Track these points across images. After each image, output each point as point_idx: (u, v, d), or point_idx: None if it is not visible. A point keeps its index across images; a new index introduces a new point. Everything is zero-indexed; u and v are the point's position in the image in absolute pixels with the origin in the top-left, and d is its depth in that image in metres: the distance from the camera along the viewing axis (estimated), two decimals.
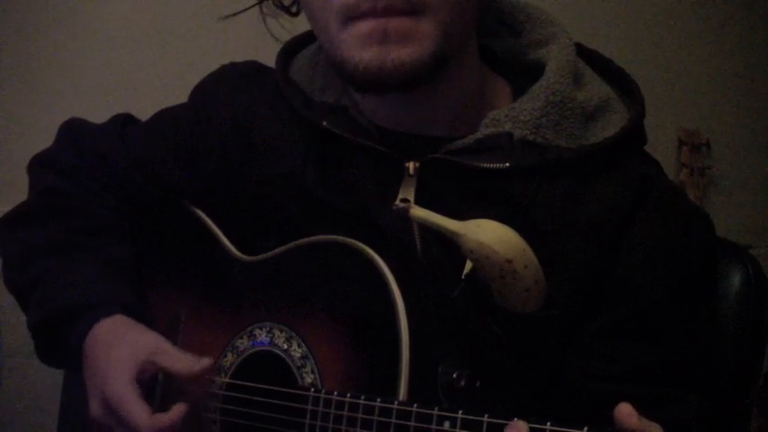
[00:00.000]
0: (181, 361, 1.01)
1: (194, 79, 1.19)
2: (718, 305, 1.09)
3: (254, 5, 1.12)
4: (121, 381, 1.01)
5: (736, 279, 1.12)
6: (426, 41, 0.94)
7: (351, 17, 0.94)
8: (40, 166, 1.23)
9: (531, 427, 0.78)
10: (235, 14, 1.14)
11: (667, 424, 0.81)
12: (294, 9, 1.10)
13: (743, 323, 1.11)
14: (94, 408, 1.04)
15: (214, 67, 1.19)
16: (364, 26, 0.93)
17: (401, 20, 0.92)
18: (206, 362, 1.01)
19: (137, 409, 0.99)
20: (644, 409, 0.79)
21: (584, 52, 1.08)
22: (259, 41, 1.14)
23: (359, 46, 0.94)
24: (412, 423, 0.85)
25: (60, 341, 1.10)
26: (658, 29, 2.10)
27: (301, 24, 1.10)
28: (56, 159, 1.22)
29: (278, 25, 1.12)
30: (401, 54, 0.93)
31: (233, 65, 1.18)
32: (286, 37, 1.16)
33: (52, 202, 1.18)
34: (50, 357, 1.15)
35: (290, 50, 1.14)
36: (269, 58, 1.16)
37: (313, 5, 0.98)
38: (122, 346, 1.04)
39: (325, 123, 1.04)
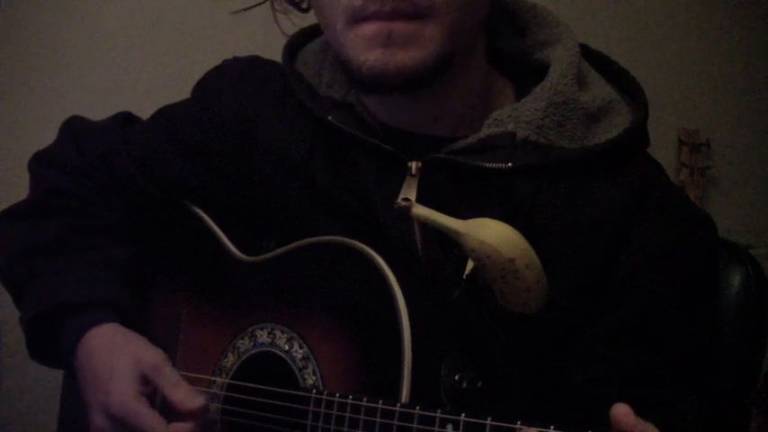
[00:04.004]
0: (179, 391, 1.01)
1: (195, 78, 1.19)
2: (719, 305, 1.09)
3: (264, 1, 1.12)
4: (128, 394, 1.01)
5: (736, 279, 1.12)
6: (431, 45, 0.94)
7: (357, 18, 0.94)
8: (41, 164, 1.23)
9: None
10: (246, 9, 1.14)
11: (668, 426, 0.81)
12: (305, 5, 1.10)
13: (743, 323, 1.11)
14: (99, 420, 1.04)
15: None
16: (369, 28, 0.94)
17: (406, 23, 0.93)
18: (201, 401, 1.00)
19: (152, 421, 0.99)
20: (644, 412, 0.79)
21: (588, 54, 1.08)
22: (260, 41, 1.14)
23: (363, 47, 0.94)
24: (414, 425, 0.85)
25: (52, 339, 1.10)
26: (658, 29, 2.10)
27: (310, 21, 1.10)
28: (58, 158, 1.21)
29: (288, 22, 1.12)
30: (405, 57, 0.94)
31: (235, 60, 1.17)
32: None
33: (55, 200, 1.18)
34: (41, 355, 1.15)
35: (296, 44, 1.14)
36: (271, 57, 1.16)
37: (321, 3, 0.98)
38: (123, 357, 1.03)
39: (330, 118, 1.05)
